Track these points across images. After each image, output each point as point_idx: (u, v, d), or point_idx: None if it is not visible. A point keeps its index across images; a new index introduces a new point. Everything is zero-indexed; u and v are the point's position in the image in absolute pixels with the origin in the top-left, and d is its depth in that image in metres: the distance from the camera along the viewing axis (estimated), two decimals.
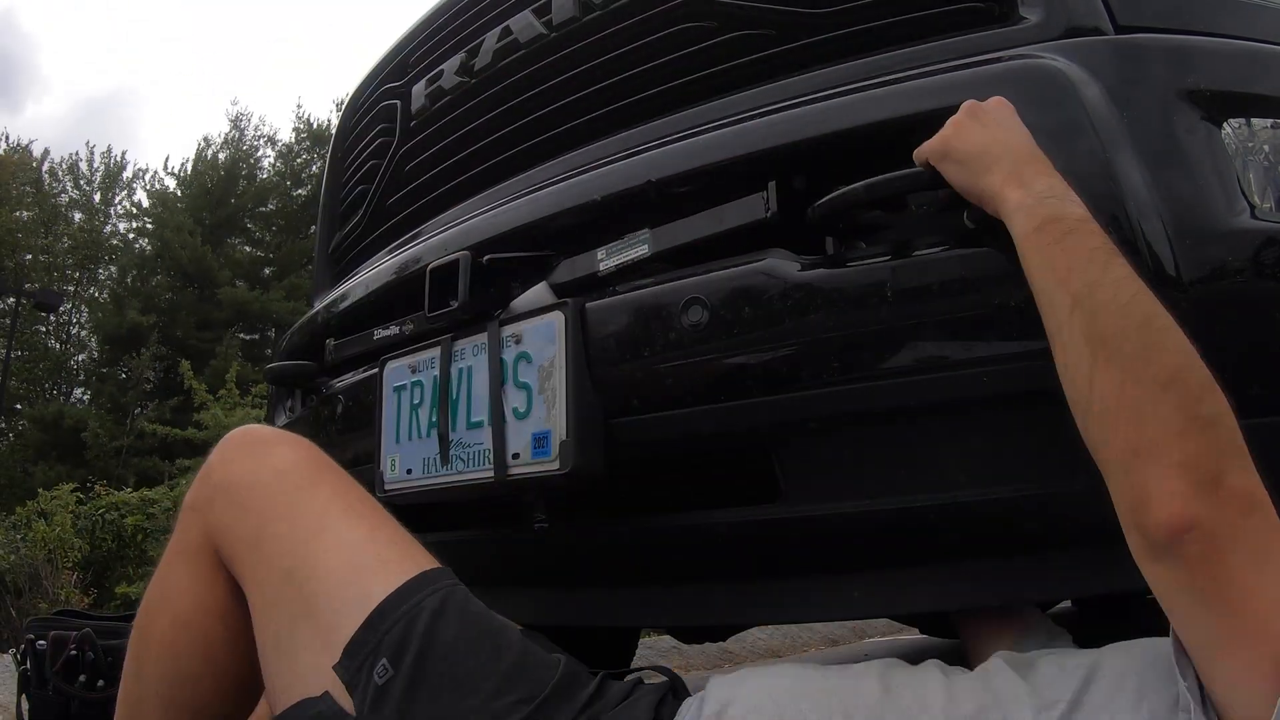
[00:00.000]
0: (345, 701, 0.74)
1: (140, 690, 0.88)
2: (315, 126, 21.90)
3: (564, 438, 0.95)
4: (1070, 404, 0.68)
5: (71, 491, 7.21)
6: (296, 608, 0.79)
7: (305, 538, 0.81)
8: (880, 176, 0.83)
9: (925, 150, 0.81)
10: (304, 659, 0.78)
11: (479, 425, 1.05)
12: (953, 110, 0.81)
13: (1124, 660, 0.70)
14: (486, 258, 1.10)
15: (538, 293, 1.09)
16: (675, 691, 0.78)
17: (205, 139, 26.19)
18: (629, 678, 0.81)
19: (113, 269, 21.39)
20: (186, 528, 0.88)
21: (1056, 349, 0.69)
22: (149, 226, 20.97)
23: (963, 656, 0.97)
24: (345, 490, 0.86)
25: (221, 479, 0.87)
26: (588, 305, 1.00)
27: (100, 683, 1.56)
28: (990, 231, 0.78)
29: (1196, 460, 0.62)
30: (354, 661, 0.74)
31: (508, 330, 1.05)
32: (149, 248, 20.90)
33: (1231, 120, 0.79)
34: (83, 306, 21.11)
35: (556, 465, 0.96)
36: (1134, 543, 0.64)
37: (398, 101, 1.46)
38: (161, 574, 0.89)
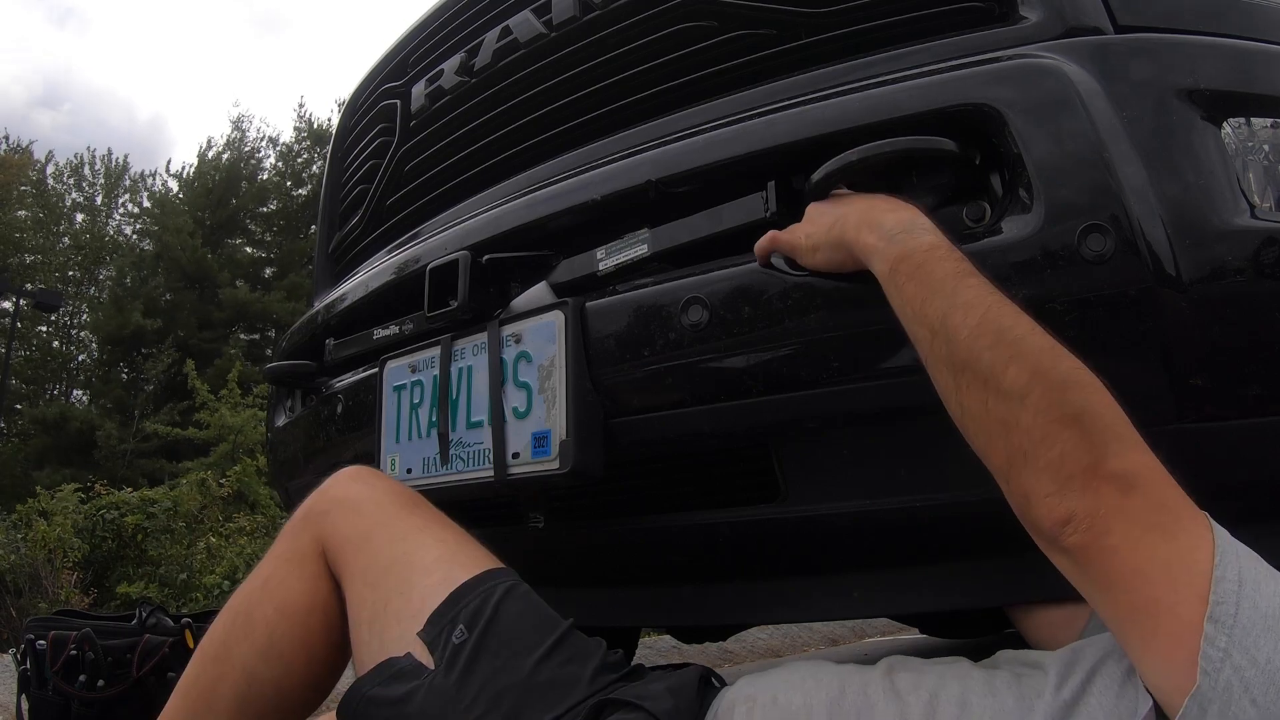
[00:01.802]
0: (426, 660, 0.87)
1: (220, 670, 1.00)
2: (316, 126, 21.93)
3: (564, 437, 0.95)
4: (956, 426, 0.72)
5: (74, 492, 7.21)
6: (393, 589, 0.93)
7: (406, 536, 0.96)
8: (872, 143, 0.83)
9: (781, 247, 0.87)
10: (393, 630, 0.91)
11: (479, 425, 1.05)
12: (952, 110, 0.81)
13: (1099, 645, 0.72)
14: (486, 258, 1.10)
15: (537, 292, 1.09)
16: (713, 679, 0.87)
17: (208, 140, 26.23)
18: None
19: (112, 270, 21.39)
20: (298, 533, 1.02)
21: (931, 379, 0.73)
22: (153, 228, 20.98)
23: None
24: (438, 514, 1.00)
25: (338, 495, 1.03)
26: (588, 305, 0.99)
27: (100, 682, 1.56)
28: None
29: (1062, 458, 0.65)
30: (436, 628, 0.88)
31: (508, 330, 1.05)
32: (150, 248, 20.90)
33: (1231, 120, 0.79)
34: (83, 307, 21.12)
35: (556, 465, 0.96)
36: (1035, 539, 0.68)
37: (398, 101, 1.46)
38: (267, 571, 1.02)
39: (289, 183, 22.05)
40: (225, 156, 21.90)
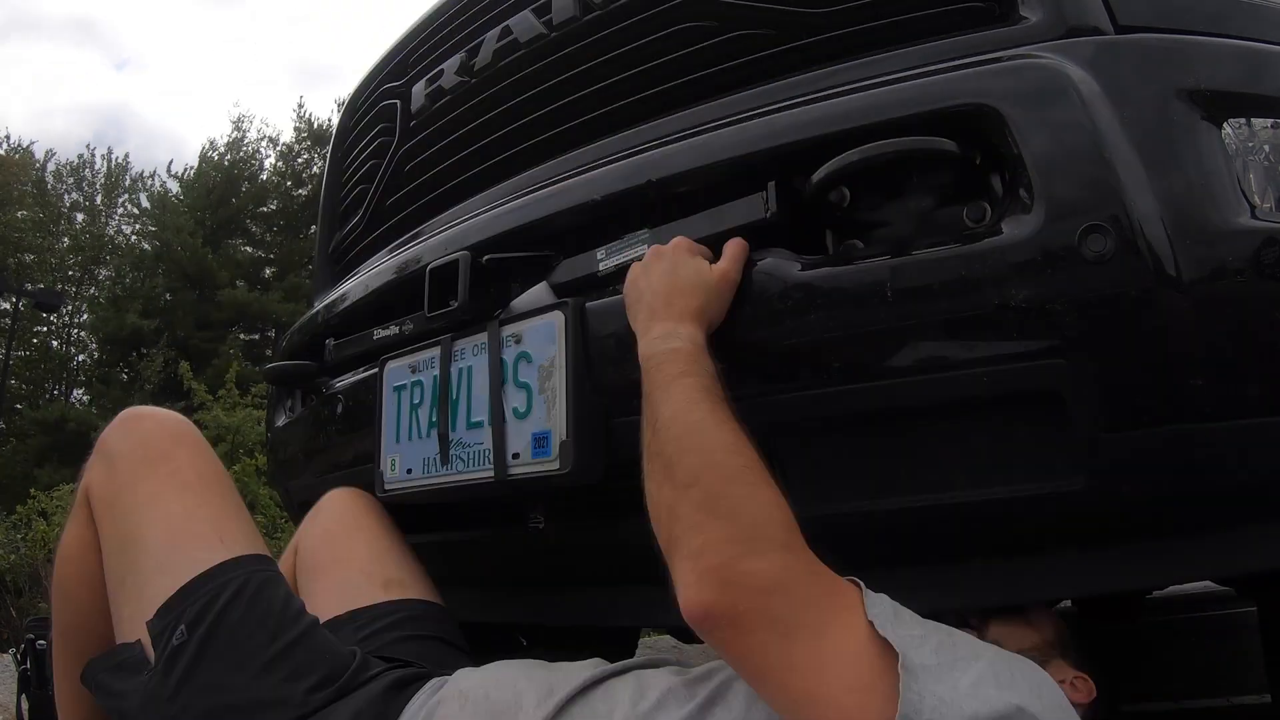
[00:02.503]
0: (150, 653, 0.89)
1: (54, 634, 1.06)
2: (316, 126, 21.91)
3: (564, 438, 0.95)
4: None
5: (72, 492, 7.20)
6: (128, 565, 0.95)
7: (144, 505, 0.96)
8: (873, 144, 0.83)
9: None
10: (128, 608, 0.94)
11: (479, 425, 1.05)
12: (952, 110, 0.81)
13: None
14: (486, 258, 1.10)
15: (537, 293, 1.09)
16: (419, 677, 0.90)
17: (210, 141, 26.25)
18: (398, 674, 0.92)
19: (111, 270, 21.39)
20: (81, 486, 1.05)
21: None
22: (151, 228, 20.97)
23: None
24: (188, 465, 1.00)
25: (100, 446, 1.04)
26: (588, 305, 0.99)
27: None
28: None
29: (703, 550, 0.67)
30: (162, 622, 0.89)
31: (508, 330, 1.05)
32: (149, 249, 20.90)
33: (1232, 120, 0.79)
34: (83, 307, 21.12)
35: (556, 465, 0.96)
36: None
37: (398, 101, 1.46)
38: (67, 521, 1.08)
39: (289, 183, 22.04)
40: (226, 157, 21.88)
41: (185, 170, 21.70)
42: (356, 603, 1.07)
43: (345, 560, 1.11)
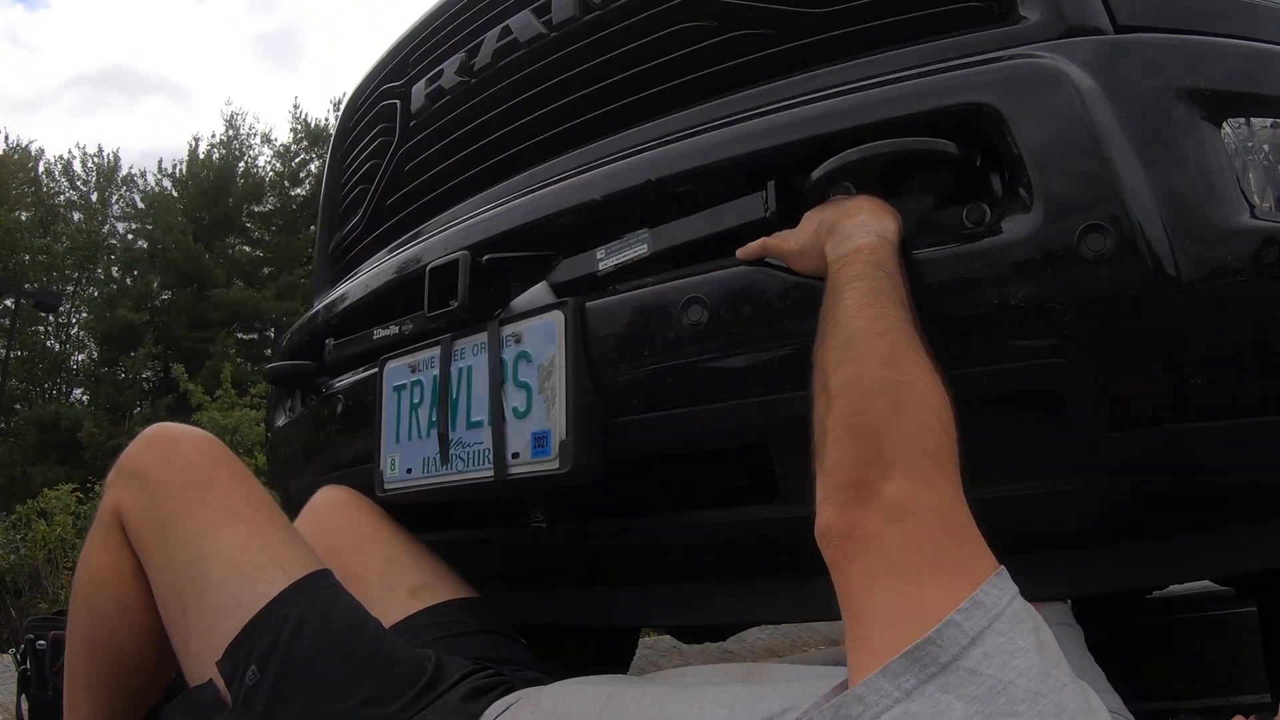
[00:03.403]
0: (225, 693, 0.88)
1: (71, 646, 1.03)
2: (313, 126, 21.90)
3: (564, 437, 0.95)
4: None
5: (71, 492, 7.19)
6: (188, 601, 0.92)
7: (198, 537, 0.94)
8: (872, 144, 0.83)
9: (771, 252, 0.88)
10: (194, 643, 0.92)
11: (479, 425, 1.05)
12: (952, 110, 0.81)
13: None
14: (486, 257, 1.10)
15: (537, 292, 1.09)
16: (497, 685, 0.88)
17: (195, 138, 26.21)
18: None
19: (106, 269, 21.39)
20: (103, 504, 1.01)
21: None
22: (147, 227, 20.96)
23: None
24: (235, 488, 0.98)
25: (132, 467, 1.00)
26: (587, 305, 0.99)
27: None
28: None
29: (839, 466, 0.63)
30: (232, 662, 0.87)
31: (507, 330, 1.05)
32: (145, 247, 20.89)
33: (1231, 120, 0.79)
34: (81, 307, 21.11)
35: (556, 465, 0.96)
36: None
37: (397, 101, 1.45)
38: (87, 540, 1.03)
39: (286, 182, 22.03)
40: (217, 155, 21.83)
41: (175, 166, 21.68)
42: (388, 621, 1.02)
43: (359, 577, 1.05)
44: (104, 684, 1.01)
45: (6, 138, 22.91)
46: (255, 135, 22.50)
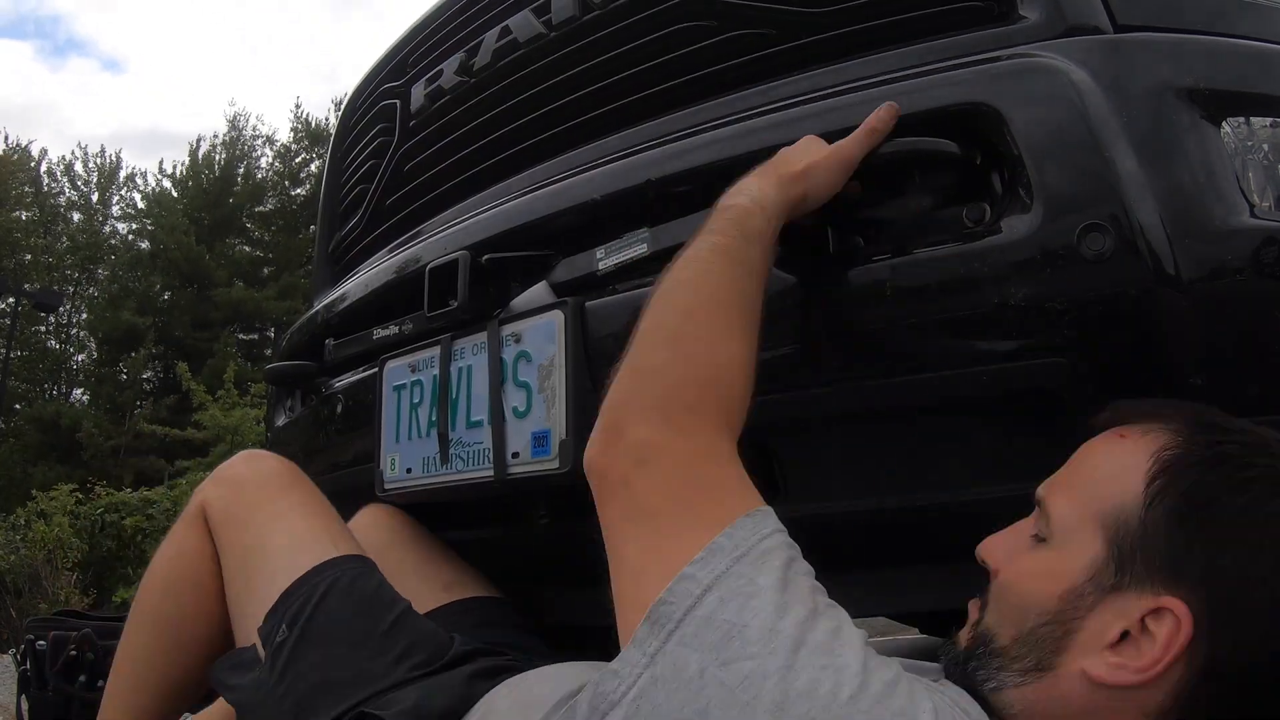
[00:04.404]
0: (262, 653, 0.95)
1: (136, 617, 1.13)
2: (313, 126, 21.90)
3: (564, 437, 0.95)
4: None
5: (70, 492, 7.20)
6: (247, 577, 1.03)
7: (266, 523, 1.05)
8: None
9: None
10: (245, 619, 1.01)
11: (478, 424, 1.05)
12: (952, 110, 0.81)
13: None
14: (486, 257, 1.10)
15: (537, 292, 1.09)
16: (509, 669, 0.90)
17: (198, 138, 26.21)
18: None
19: (109, 269, 21.39)
20: (192, 503, 1.13)
21: None
22: (149, 227, 20.97)
23: None
24: (307, 497, 1.10)
25: (224, 475, 1.14)
26: (587, 304, 1.00)
27: (100, 683, 1.56)
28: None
29: (610, 405, 0.65)
30: (268, 625, 0.96)
31: (507, 329, 1.05)
32: (146, 247, 20.90)
33: (1230, 119, 0.79)
34: (82, 307, 21.12)
35: (556, 464, 0.96)
36: None
37: (397, 101, 1.46)
38: (170, 534, 1.15)
39: (286, 182, 22.03)
40: (220, 156, 21.85)
41: (177, 167, 21.68)
42: (422, 609, 1.06)
43: (399, 572, 1.10)
44: (162, 655, 1.10)
45: (6, 138, 22.93)
46: (259, 138, 22.46)
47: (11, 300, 15.84)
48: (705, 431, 0.63)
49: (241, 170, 21.91)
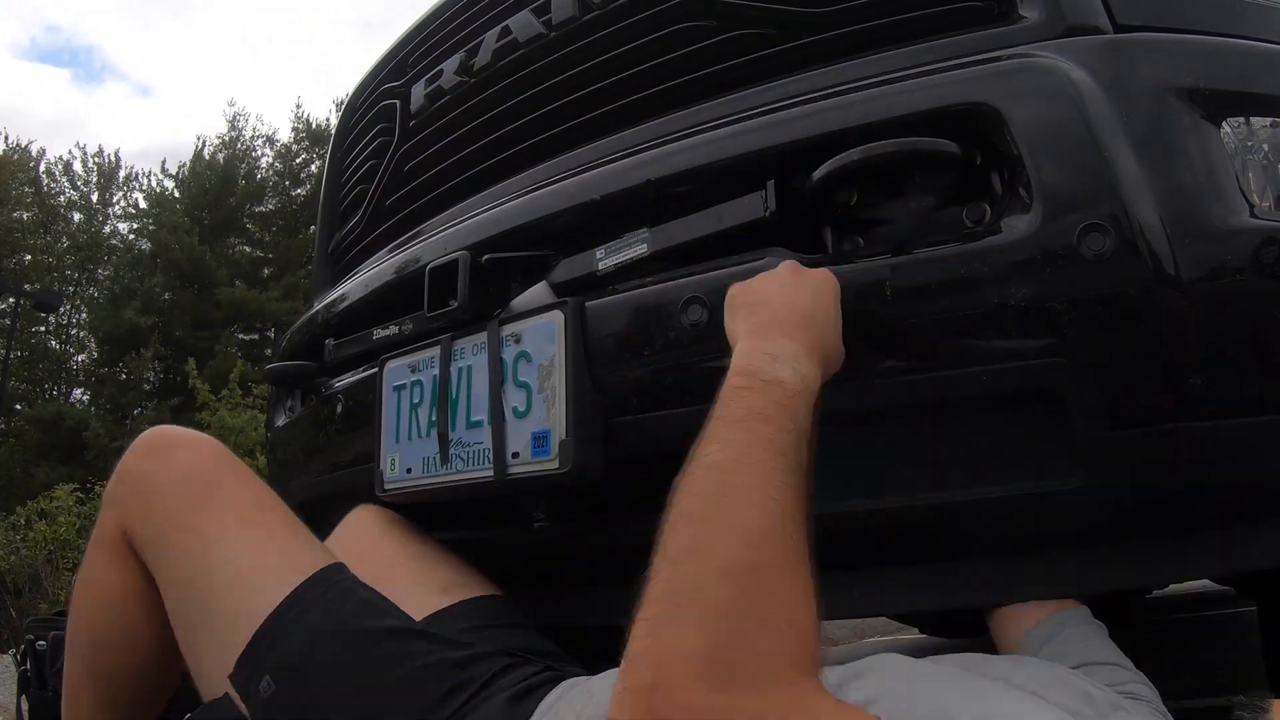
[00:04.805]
0: (241, 705, 0.84)
1: (71, 664, 1.01)
2: (314, 126, 21.91)
3: (564, 437, 0.95)
4: None
5: (71, 492, 7.19)
6: (197, 615, 0.89)
7: (203, 548, 0.90)
8: (873, 144, 0.82)
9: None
10: (206, 660, 0.88)
11: (478, 424, 1.05)
12: (952, 110, 0.81)
13: None
14: (486, 257, 1.10)
15: (537, 292, 1.09)
16: (544, 685, 0.83)
17: (201, 139, 26.23)
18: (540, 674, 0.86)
19: (110, 270, 21.41)
20: (103, 520, 0.98)
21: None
22: (150, 227, 20.99)
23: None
24: (240, 492, 0.95)
25: (131, 478, 0.97)
26: (587, 304, 0.99)
27: None
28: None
29: (645, 654, 0.51)
30: (244, 673, 0.84)
31: (507, 329, 1.05)
32: (147, 247, 20.92)
33: (1230, 119, 0.79)
34: (82, 307, 21.13)
35: (556, 464, 0.96)
36: None
37: (397, 101, 1.46)
38: (86, 559, 1.00)
39: (287, 182, 22.05)
40: (221, 155, 21.86)
41: (180, 168, 21.71)
42: (420, 614, 0.99)
43: (389, 576, 1.04)
44: (105, 708, 0.99)
45: (6, 138, 22.95)
46: (259, 138, 22.48)
47: (11, 300, 15.86)
48: (789, 682, 0.51)
49: (242, 170, 21.93)
